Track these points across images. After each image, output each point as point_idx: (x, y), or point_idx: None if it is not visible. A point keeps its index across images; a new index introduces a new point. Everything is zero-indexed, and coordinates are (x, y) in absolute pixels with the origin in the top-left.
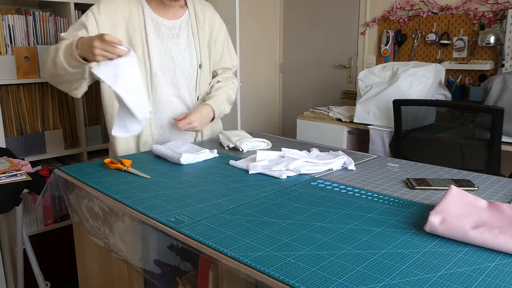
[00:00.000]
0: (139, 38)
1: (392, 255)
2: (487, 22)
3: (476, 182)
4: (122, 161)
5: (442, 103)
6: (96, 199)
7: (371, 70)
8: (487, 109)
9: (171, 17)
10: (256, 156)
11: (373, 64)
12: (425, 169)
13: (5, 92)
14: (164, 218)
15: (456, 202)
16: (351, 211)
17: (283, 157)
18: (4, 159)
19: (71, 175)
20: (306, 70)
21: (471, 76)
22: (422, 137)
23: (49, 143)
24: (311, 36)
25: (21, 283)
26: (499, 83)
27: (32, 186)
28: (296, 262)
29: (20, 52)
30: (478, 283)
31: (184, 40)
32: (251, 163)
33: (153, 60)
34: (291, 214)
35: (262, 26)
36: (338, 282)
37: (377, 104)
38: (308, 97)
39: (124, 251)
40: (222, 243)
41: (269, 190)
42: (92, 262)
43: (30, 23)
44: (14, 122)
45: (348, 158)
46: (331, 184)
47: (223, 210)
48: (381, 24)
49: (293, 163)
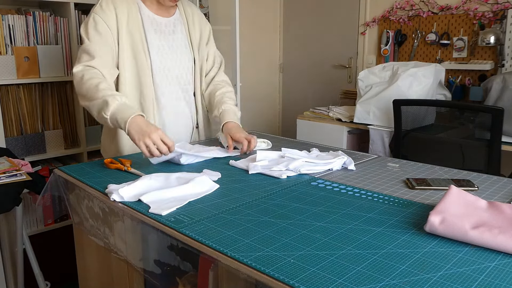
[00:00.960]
0: (138, 34)
1: (392, 255)
2: (487, 22)
3: (476, 182)
4: (122, 161)
5: (442, 103)
6: (96, 199)
7: (371, 70)
8: (487, 109)
9: (165, 15)
10: (256, 156)
11: (373, 64)
12: (425, 169)
13: (5, 92)
14: (164, 218)
15: (456, 202)
16: (351, 211)
17: (283, 157)
18: (4, 159)
19: (71, 175)
20: (306, 70)
21: (471, 76)
22: (422, 137)
23: (49, 143)
24: (311, 36)
25: (21, 283)
26: (499, 83)
27: (32, 186)
28: (296, 262)
29: (20, 52)
30: (478, 283)
31: (179, 36)
32: (251, 163)
33: (153, 56)
34: (291, 214)
35: (262, 26)
36: (338, 282)
37: (377, 104)
38: (308, 97)
39: (124, 251)
40: (222, 243)
41: (269, 190)
42: (92, 262)
43: (30, 23)
44: (14, 122)
45: (348, 158)
46: (331, 184)
47: (223, 210)
48: (381, 24)
49: (292, 163)
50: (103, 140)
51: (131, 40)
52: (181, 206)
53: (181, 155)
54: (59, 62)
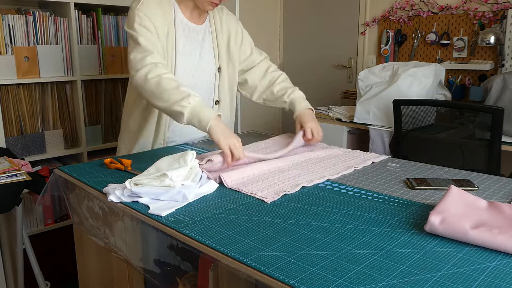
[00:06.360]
0: (170, 39)
1: (392, 255)
2: (487, 22)
3: (476, 182)
4: (122, 161)
5: (442, 103)
6: (96, 199)
7: (371, 70)
8: (487, 109)
9: (197, 22)
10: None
11: (373, 64)
12: (425, 169)
13: (5, 92)
14: (164, 218)
15: (456, 202)
16: (351, 211)
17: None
18: (4, 159)
19: (71, 175)
20: (306, 70)
21: (471, 76)
22: (422, 137)
23: (49, 143)
24: (311, 36)
25: (21, 283)
26: (499, 83)
27: (32, 186)
28: (296, 262)
29: (20, 52)
30: (478, 283)
31: (207, 44)
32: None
33: (178, 63)
34: (291, 214)
35: (262, 26)
36: (338, 282)
37: (377, 104)
38: (308, 97)
39: (124, 251)
40: (222, 243)
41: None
42: (92, 262)
43: (30, 23)
44: (14, 122)
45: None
46: (331, 184)
47: (223, 210)
48: (381, 24)
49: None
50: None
51: (162, 42)
52: (181, 206)
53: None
54: (59, 62)
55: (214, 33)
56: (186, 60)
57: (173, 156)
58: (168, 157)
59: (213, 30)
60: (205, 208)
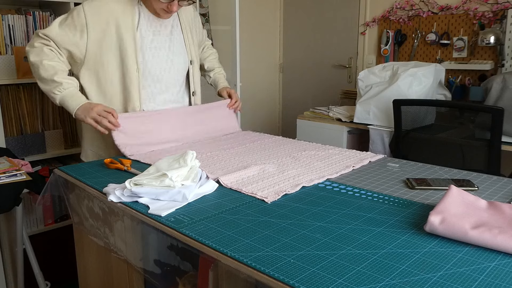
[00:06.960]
0: (131, 35)
1: (392, 255)
2: (487, 22)
3: (476, 182)
4: (122, 161)
5: (442, 103)
6: (96, 199)
7: (371, 70)
8: (487, 109)
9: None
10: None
11: (373, 64)
12: (425, 169)
13: (5, 92)
14: (164, 218)
15: (456, 202)
16: (351, 211)
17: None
18: (4, 159)
19: (71, 175)
20: (306, 70)
21: (471, 76)
22: (422, 137)
23: (49, 143)
24: (311, 36)
25: (21, 283)
26: (499, 83)
27: (32, 186)
28: (296, 262)
29: (20, 52)
30: (478, 283)
31: (176, 37)
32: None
33: (147, 59)
34: (291, 214)
35: (262, 26)
36: (338, 282)
37: (377, 104)
38: (308, 97)
39: (124, 251)
40: (222, 243)
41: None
42: (92, 262)
43: (30, 23)
44: (14, 122)
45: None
46: (331, 184)
47: (223, 210)
48: (381, 24)
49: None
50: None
51: (120, 42)
52: (181, 206)
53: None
54: None
55: (182, 25)
56: (156, 55)
57: (173, 156)
58: (168, 157)
59: (180, 23)
60: (205, 208)
